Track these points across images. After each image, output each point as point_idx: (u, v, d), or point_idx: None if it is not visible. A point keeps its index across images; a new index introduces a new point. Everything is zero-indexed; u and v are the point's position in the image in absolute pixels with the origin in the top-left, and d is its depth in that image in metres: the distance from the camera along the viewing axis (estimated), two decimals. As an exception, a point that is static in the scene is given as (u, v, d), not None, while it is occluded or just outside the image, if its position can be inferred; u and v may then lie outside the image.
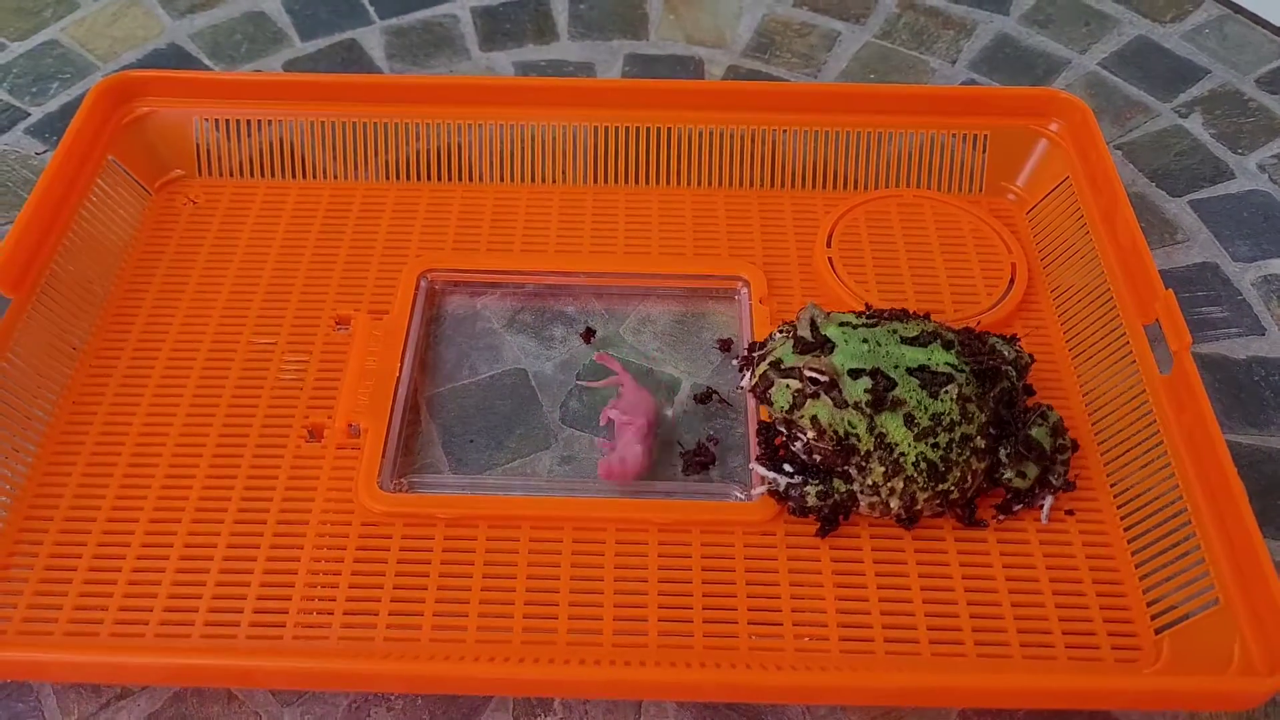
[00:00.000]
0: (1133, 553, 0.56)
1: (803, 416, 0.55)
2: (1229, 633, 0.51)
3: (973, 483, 0.57)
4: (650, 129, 0.74)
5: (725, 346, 0.67)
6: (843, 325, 0.57)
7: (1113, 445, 0.60)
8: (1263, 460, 0.63)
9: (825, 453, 0.56)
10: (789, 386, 0.55)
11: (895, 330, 0.57)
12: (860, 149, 0.74)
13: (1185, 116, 0.84)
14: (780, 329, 0.60)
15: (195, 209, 0.73)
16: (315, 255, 0.71)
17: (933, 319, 0.61)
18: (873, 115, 0.74)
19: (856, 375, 0.55)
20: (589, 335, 0.68)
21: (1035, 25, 0.93)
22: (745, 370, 0.59)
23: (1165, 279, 0.61)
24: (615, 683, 0.50)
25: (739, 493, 0.59)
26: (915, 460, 0.55)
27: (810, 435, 0.56)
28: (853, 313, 0.59)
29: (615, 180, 0.75)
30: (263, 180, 0.75)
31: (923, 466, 0.55)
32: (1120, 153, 0.82)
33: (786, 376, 0.55)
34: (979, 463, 0.56)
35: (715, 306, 0.70)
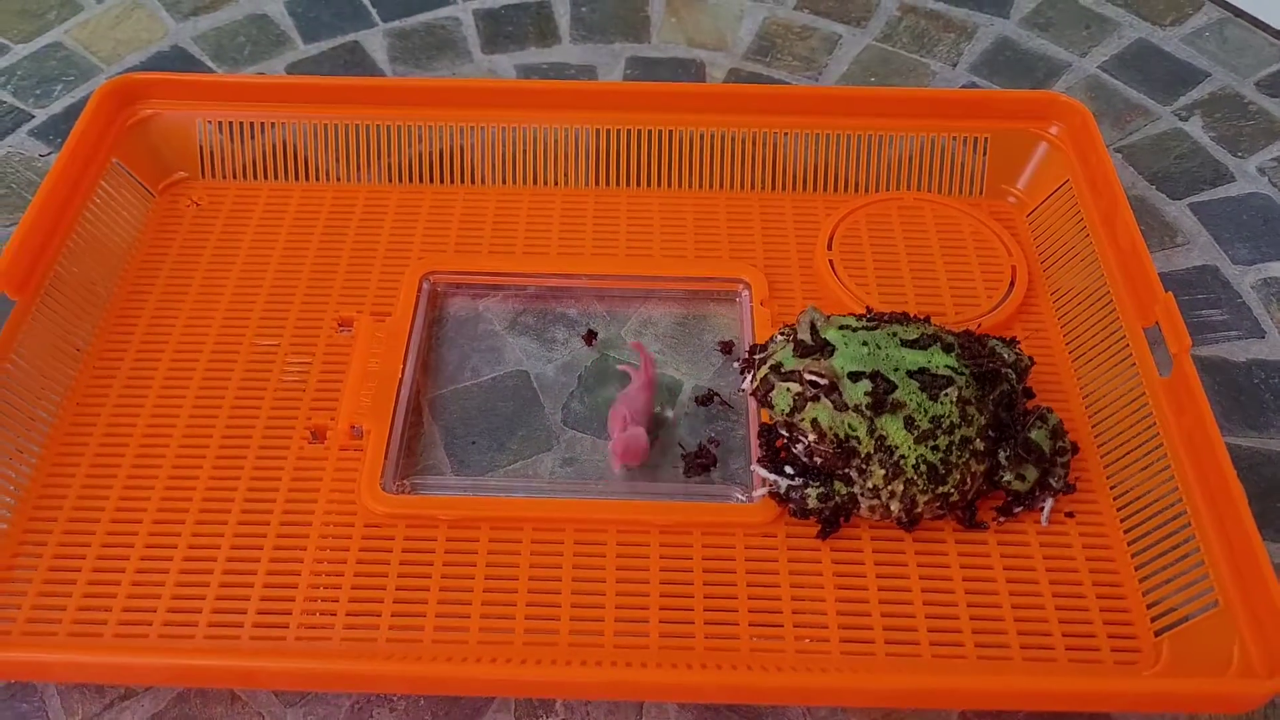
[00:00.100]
0: (1132, 555, 0.56)
1: (803, 419, 0.55)
2: (1228, 635, 0.51)
3: (972, 485, 0.57)
4: (652, 132, 0.74)
5: (726, 349, 0.68)
6: (842, 328, 0.57)
7: (1112, 448, 0.61)
8: (1262, 463, 0.63)
9: (826, 455, 0.56)
10: (789, 390, 0.55)
11: (895, 333, 0.57)
12: (861, 152, 0.75)
13: (1185, 119, 0.85)
14: (781, 332, 0.60)
15: (198, 211, 0.74)
16: (318, 257, 0.71)
17: (933, 321, 0.61)
18: (873, 118, 0.74)
19: (856, 378, 0.55)
20: (590, 337, 0.68)
21: (1036, 28, 0.93)
22: (746, 373, 0.59)
23: (1165, 282, 0.61)
24: (617, 684, 0.50)
25: (740, 495, 0.59)
26: (915, 463, 0.55)
27: (811, 438, 0.56)
28: (853, 316, 0.59)
29: (617, 183, 0.75)
30: (265, 182, 0.75)
31: (923, 469, 0.55)
32: (1120, 155, 0.82)
33: (787, 380, 0.56)
34: (979, 465, 0.57)
35: (716, 309, 0.70)
